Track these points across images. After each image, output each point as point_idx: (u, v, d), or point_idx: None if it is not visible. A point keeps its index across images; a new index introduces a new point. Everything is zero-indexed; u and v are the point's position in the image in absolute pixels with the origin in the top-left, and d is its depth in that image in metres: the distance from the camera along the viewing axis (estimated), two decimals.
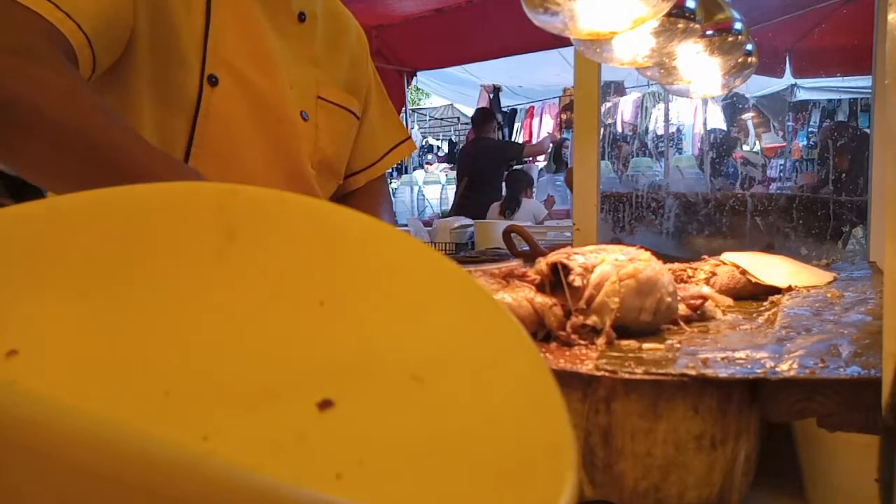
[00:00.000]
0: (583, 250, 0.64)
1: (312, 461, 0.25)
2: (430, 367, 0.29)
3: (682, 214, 1.42)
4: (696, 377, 0.47)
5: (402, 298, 0.31)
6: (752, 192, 1.55)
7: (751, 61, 1.16)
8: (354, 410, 0.27)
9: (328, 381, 0.28)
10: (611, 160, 5.03)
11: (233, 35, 0.77)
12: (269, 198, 0.32)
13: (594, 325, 0.59)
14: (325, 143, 0.88)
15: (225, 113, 0.76)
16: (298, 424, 0.26)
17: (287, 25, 0.85)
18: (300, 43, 0.86)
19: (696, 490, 0.47)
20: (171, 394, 0.26)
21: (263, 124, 0.80)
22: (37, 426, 0.20)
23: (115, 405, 0.26)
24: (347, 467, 0.25)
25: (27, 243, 0.28)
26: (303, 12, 0.87)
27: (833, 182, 3.07)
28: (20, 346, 0.25)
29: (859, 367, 0.47)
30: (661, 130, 5.76)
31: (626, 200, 1.46)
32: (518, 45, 4.29)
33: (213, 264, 0.30)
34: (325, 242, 0.32)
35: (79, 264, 0.28)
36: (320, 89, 0.88)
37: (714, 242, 1.37)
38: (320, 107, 0.88)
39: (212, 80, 0.75)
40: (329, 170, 0.90)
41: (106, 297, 0.28)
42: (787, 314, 0.67)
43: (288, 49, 0.84)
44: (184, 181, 0.55)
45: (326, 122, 0.88)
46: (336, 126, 0.90)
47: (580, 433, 0.48)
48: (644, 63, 0.96)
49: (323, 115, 0.88)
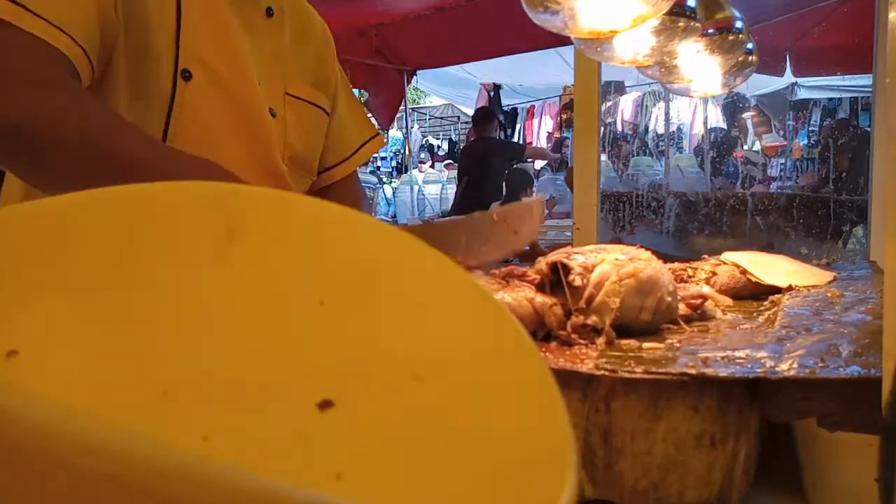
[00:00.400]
0: (583, 250, 0.64)
1: (313, 461, 0.25)
2: (431, 367, 0.29)
3: (682, 214, 1.42)
4: (696, 376, 0.47)
5: (402, 298, 0.31)
6: (753, 192, 1.55)
7: (751, 60, 1.16)
8: (355, 410, 0.27)
9: (328, 380, 0.28)
10: (611, 159, 5.03)
11: (203, 31, 0.78)
12: (269, 197, 0.32)
13: (594, 324, 0.59)
14: (294, 139, 0.89)
15: (199, 107, 0.78)
16: (299, 424, 0.26)
17: (255, 21, 0.86)
18: (268, 38, 0.87)
19: (696, 489, 0.47)
20: (171, 394, 0.26)
21: (236, 119, 0.81)
22: (37, 427, 0.20)
23: (114, 405, 0.26)
24: (348, 467, 0.25)
25: (27, 243, 0.28)
26: (270, 7, 0.88)
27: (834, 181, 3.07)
28: (20, 347, 0.25)
29: (859, 367, 0.47)
30: (661, 129, 5.76)
31: (627, 200, 1.46)
32: (518, 45, 4.29)
33: (212, 264, 0.30)
34: (325, 242, 0.32)
35: (78, 264, 0.28)
36: (288, 85, 0.89)
37: (714, 242, 1.37)
38: (288, 103, 0.89)
39: (185, 75, 0.77)
40: (301, 166, 0.91)
41: (105, 296, 0.28)
42: (788, 314, 0.67)
43: (256, 45, 0.85)
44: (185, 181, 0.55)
45: (294, 118, 0.89)
46: (304, 122, 0.91)
47: (580, 432, 0.48)
48: (644, 62, 0.96)
49: (291, 110, 0.89)
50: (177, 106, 0.76)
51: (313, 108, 0.93)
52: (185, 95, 0.76)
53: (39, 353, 0.26)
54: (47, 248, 0.28)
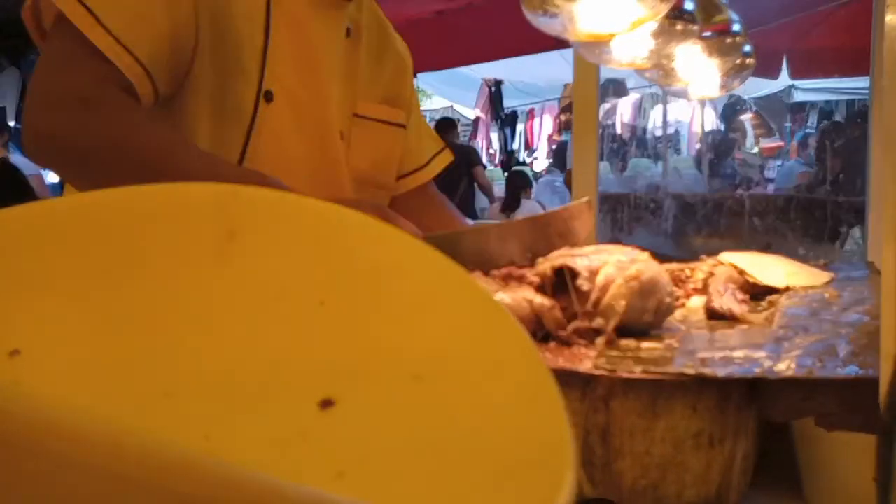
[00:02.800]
0: (584, 251, 0.64)
1: (314, 460, 0.25)
2: (430, 367, 0.29)
3: (680, 215, 1.43)
4: (695, 376, 0.47)
5: (402, 298, 0.31)
6: (751, 193, 1.56)
7: (749, 62, 1.16)
8: (355, 410, 0.27)
9: (329, 380, 0.28)
10: (609, 161, 5.03)
11: (289, 52, 0.78)
12: (269, 198, 0.32)
13: (599, 327, 0.59)
14: (358, 161, 0.88)
15: (277, 129, 0.77)
16: (300, 423, 0.26)
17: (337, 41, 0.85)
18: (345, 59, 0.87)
19: (695, 489, 0.47)
20: (172, 393, 0.26)
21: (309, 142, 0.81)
22: (40, 426, 0.20)
23: (116, 405, 0.26)
24: (349, 466, 0.25)
25: (29, 244, 0.28)
26: (349, 27, 0.87)
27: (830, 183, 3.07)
28: (23, 347, 0.26)
29: (857, 367, 0.47)
30: (659, 132, 5.76)
31: (625, 201, 1.46)
32: (517, 47, 4.29)
33: (213, 264, 0.30)
34: (326, 242, 0.32)
35: (80, 265, 0.29)
36: (356, 105, 0.89)
37: (712, 243, 1.37)
38: (355, 123, 0.88)
39: (268, 96, 0.76)
40: (371, 183, 0.90)
41: (107, 297, 0.28)
42: (785, 314, 0.67)
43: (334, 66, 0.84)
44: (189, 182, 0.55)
45: (360, 138, 0.88)
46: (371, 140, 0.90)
47: (579, 432, 0.48)
48: (643, 64, 0.96)
49: (357, 131, 0.88)
50: (256, 127, 0.75)
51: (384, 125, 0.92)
52: (265, 116, 0.76)
53: (42, 354, 0.26)
54: (49, 249, 0.28)
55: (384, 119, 0.92)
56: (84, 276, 0.28)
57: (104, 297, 0.28)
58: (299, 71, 0.79)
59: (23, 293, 0.27)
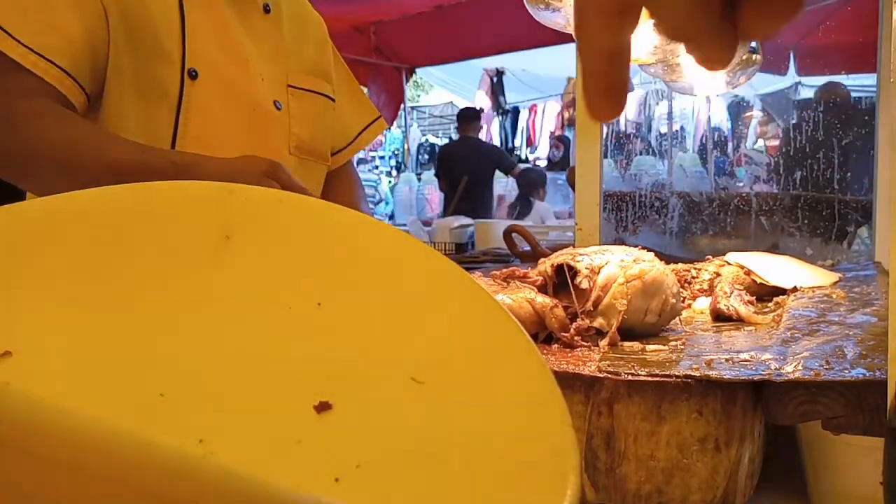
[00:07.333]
0: (587, 251, 0.63)
1: (310, 464, 0.25)
2: (430, 369, 0.28)
3: (685, 214, 1.42)
4: (700, 379, 0.46)
5: (401, 299, 0.30)
6: (757, 192, 1.54)
7: (755, 59, 1.15)
8: (353, 412, 0.27)
9: (326, 383, 0.27)
10: (613, 158, 4.99)
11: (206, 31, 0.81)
12: (266, 197, 0.32)
13: (601, 327, 0.58)
14: (299, 129, 0.92)
15: (205, 105, 0.80)
16: (296, 426, 0.26)
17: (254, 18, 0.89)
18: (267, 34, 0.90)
19: (700, 493, 0.46)
20: (167, 395, 0.26)
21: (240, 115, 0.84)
22: (32, 427, 0.19)
23: (109, 406, 0.25)
24: (346, 470, 0.25)
25: (22, 243, 0.28)
26: (267, 4, 0.91)
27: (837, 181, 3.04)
28: (15, 348, 0.25)
29: (864, 369, 0.46)
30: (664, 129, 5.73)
31: (629, 200, 1.45)
32: (518, 42, 4.27)
33: (209, 264, 0.29)
34: (323, 242, 0.31)
35: (73, 264, 0.28)
36: (290, 77, 0.92)
37: (718, 242, 1.36)
38: (291, 94, 0.92)
39: (192, 74, 0.79)
40: (311, 153, 0.94)
41: (101, 297, 0.28)
42: (792, 315, 0.66)
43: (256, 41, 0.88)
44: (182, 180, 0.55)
45: (299, 109, 0.92)
46: (309, 110, 0.94)
47: (582, 436, 0.47)
48: (647, 60, 0.95)
49: (294, 102, 0.92)
50: (185, 105, 0.78)
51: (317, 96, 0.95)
52: (192, 94, 0.79)
53: (34, 355, 0.26)
54: (42, 248, 0.28)
55: (315, 90, 0.95)
56: (77, 275, 0.28)
57: (97, 297, 0.28)
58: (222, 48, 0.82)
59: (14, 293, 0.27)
